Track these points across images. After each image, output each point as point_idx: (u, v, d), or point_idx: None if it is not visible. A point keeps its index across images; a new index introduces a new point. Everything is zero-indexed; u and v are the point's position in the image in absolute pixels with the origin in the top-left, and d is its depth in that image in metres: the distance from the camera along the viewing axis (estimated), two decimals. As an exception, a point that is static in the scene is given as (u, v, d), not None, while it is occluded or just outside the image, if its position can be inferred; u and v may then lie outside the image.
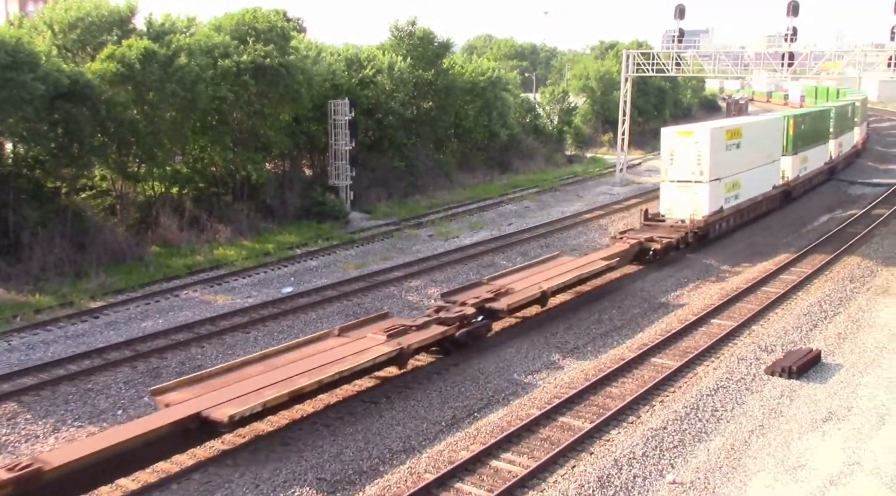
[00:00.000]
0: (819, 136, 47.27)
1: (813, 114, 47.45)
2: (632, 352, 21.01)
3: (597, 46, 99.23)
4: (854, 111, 61.80)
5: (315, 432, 16.40)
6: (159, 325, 23.37)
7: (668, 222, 32.46)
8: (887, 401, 17.93)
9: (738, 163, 33.94)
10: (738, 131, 34.06)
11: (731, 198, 34.05)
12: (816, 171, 47.40)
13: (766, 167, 37.82)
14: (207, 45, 33.14)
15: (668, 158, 32.32)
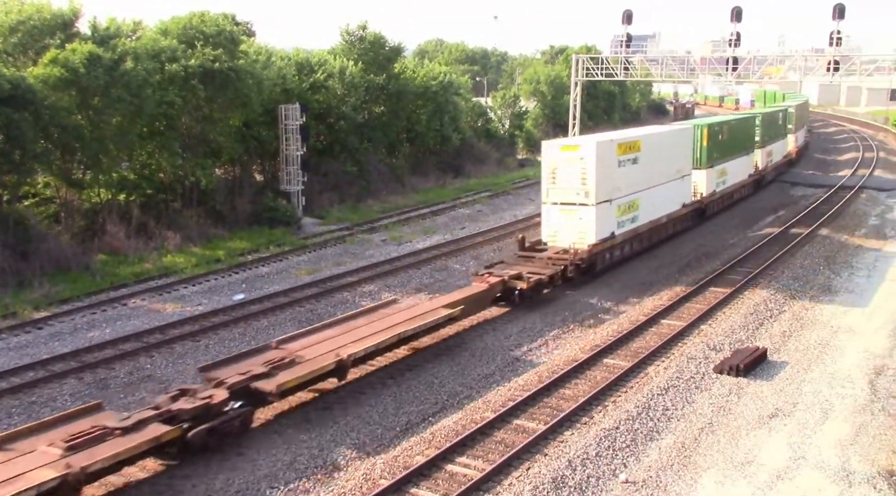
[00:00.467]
0: (741, 145, 43.76)
1: (732, 122, 43.01)
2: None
3: (547, 51, 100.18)
4: (787, 117, 58.31)
5: (268, 440, 16.22)
6: (106, 335, 22.89)
7: (548, 252, 27.57)
8: (830, 397, 18.43)
9: (635, 180, 29.61)
10: (634, 144, 29.53)
11: (627, 221, 29.60)
12: (739, 184, 43.93)
13: (674, 184, 33.50)
14: (154, 49, 32.64)
15: (549, 177, 27.67)
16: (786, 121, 57.78)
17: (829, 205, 44.07)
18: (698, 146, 37.17)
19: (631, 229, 29.99)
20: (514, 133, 67.18)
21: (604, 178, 27.29)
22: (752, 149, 46.62)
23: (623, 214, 29.21)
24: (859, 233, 37.42)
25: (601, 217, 27.49)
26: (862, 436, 16.43)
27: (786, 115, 58.05)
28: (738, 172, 43.49)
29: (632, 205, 29.75)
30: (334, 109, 43.36)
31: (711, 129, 38.44)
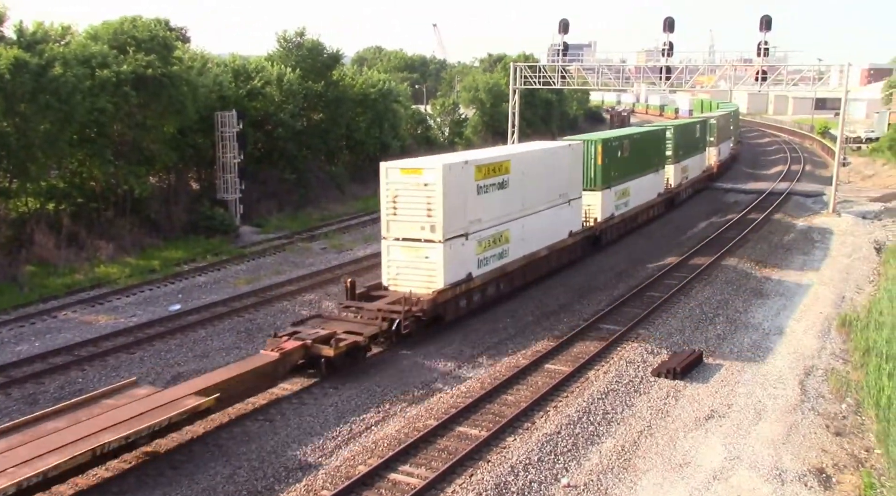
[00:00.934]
0: (648, 162, 40.13)
1: (636, 136, 38.83)
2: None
3: (485, 59, 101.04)
4: (706, 129, 55.08)
5: (206, 453, 15.87)
6: (35, 349, 22.13)
7: (384, 300, 22.24)
8: (763, 398, 18.94)
9: (503, 209, 25.14)
10: (500, 166, 24.78)
11: (492, 258, 24.96)
12: (646, 205, 40.22)
13: (557, 210, 29.17)
14: (84, 54, 31.76)
15: (389, 206, 22.50)
16: (705, 133, 55.00)
17: (740, 227, 40.51)
18: (591, 165, 33.17)
19: (497, 267, 25.29)
20: (454, 140, 67.45)
21: (456, 207, 22.47)
22: (662, 165, 43.25)
23: (486, 250, 24.56)
24: (787, 238, 38.65)
25: (453, 256, 22.60)
26: (793, 435, 16.92)
27: (705, 126, 55.22)
28: (644, 192, 39.60)
29: (499, 237, 25.20)
30: (272, 116, 42.90)
31: (608, 144, 34.05)
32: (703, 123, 54.50)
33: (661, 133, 43.36)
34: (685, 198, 49.42)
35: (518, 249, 26.57)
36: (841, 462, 15.79)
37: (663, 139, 43.54)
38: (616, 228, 36.37)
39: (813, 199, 51.29)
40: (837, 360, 21.71)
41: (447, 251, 22.33)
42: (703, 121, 55.87)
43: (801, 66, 46.83)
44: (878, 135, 78.83)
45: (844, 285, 29.81)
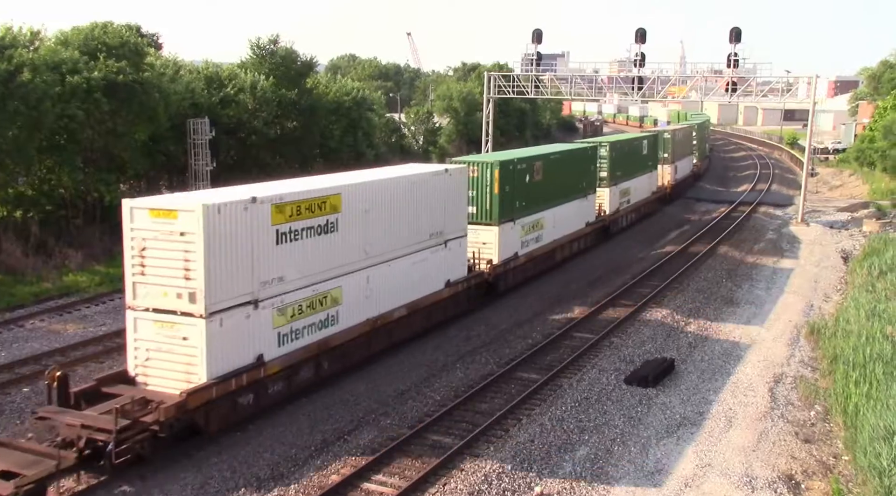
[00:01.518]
0: (572, 187, 34.01)
1: (553, 157, 32.11)
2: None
3: (459, 68, 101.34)
4: (656, 145, 49.45)
5: (176, 464, 15.67)
6: (1, 358, 21.76)
7: (116, 402, 15.38)
8: (734, 405, 19.13)
9: (326, 260, 18.78)
10: (323, 203, 18.43)
11: (307, 329, 18.44)
12: (567, 238, 33.79)
13: (424, 255, 22.77)
14: (54, 60, 31.40)
15: (136, 262, 16.33)
16: (656, 149, 49.43)
17: (673, 267, 33.20)
18: (486, 194, 27.01)
19: (317, 341, 18.78)
20: (429, 148, 67.56)
21: (233, 265, 16.13)
22: (593, 189, 37.10)
23: (296, 319, 17.95)
24: (757, 246, 39.12)
25: (228, 334, 16.15)
26: (763, 442, 17.10)
27: (655, 141, 49.46)
28: (565, 223, 33.47)
29: (321, 300, 18.72)
30: (245, 124, 42.68)
31: (509, 168, 27.65)
32: (652, 138, 48.75)
33: (590, 151, 36.64)
34: (625, 225, 43.16)
35: (357, 312, 20.00)
36: (810, 468, 15.99)
37: (594, 158, 37.18)
38: (521, 271, 29.43)
39: (782, 209, 52.01)
40: (806, 368, 22.00)
41: (214, 329, 15.70)
42: (654, 136, 50.32)
43: (770, 77, 47.59)
44: (845, 146, 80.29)
45: (813, 294, 30.23)
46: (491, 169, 27.11)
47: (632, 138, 46.21)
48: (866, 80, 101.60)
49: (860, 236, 41.77)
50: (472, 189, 26.64)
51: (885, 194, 54.47)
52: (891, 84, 79.44)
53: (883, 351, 20.29)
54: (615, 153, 40.01)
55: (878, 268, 30.72)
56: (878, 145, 60.66)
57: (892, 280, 28.42)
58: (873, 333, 21.96)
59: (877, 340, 21.34)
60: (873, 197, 55.72)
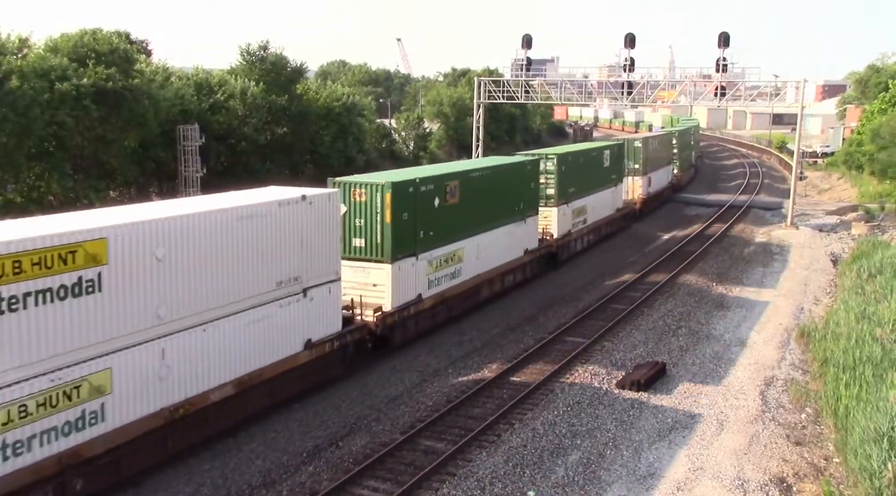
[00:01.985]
0: (504, 210, 28.61)
1: (478, 174, 27.10)
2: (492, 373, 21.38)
3: (449, 73, 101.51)
4: (621, 155, 43.04)
5: (169, 471, 15.60)
6: None
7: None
8: (725, 409, 19.18)
9: (83, 329, 13.52)
10: (69, 254, 13.20)
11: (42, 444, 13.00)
12: (495, 272, 28.07)
13: (273, 309, 17.71)
14: (43, 67, 31.31)
15: None
16: (621, 160, 43.05)
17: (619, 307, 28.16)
18: (376, 223, 21.77)
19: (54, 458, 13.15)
20: (419, 154, 67.59)
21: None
22: (535, 210, 31.18)
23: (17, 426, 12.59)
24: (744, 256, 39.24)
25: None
26: (755, 445, 17.15)
27: (621, 151, 43.17)
28: (495, 252, 27.98)
29: (66, 393, 13.28)
30: (235, 130, 42.63)
31: (406, 191, 22.49)
32: (615, 149, 42.23)
33: (529, 166, 30.83)
34: (580, 249, 37.40)
35: (140, 401, 14.62)
36: (801, 471, 16.04)
37: (535, 174, 31.39)
38: (426, 316, 24.12)
39: (772, 212, 52.27)
40: (797, 371, 22.09)
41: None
42: (618, 145, 43.92)
43: (758, 82, 47.86)
44: (834, 149, 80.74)
45: (803, 297, 30.37)
46: (381, 192, 21.59)
47: (588, 149, 39.75)
48: (853, 84, 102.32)
49: (849, 239, 42.00)
50: (359, 217, 21.87)
51: (874, 197, 54.78)
52: (877, 88, 79.97)
53: (873, 353, 20.39)
54: (564, 167, 33.85)
55: (867, 270, 30.89)
56: (866, 149, 61.05)
57: (881, 282, 28.57)
58: (863, 336, 22.07)
59: (866, 343, 21.44)
60: (861, 200, 56.03)
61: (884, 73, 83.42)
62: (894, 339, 21.59)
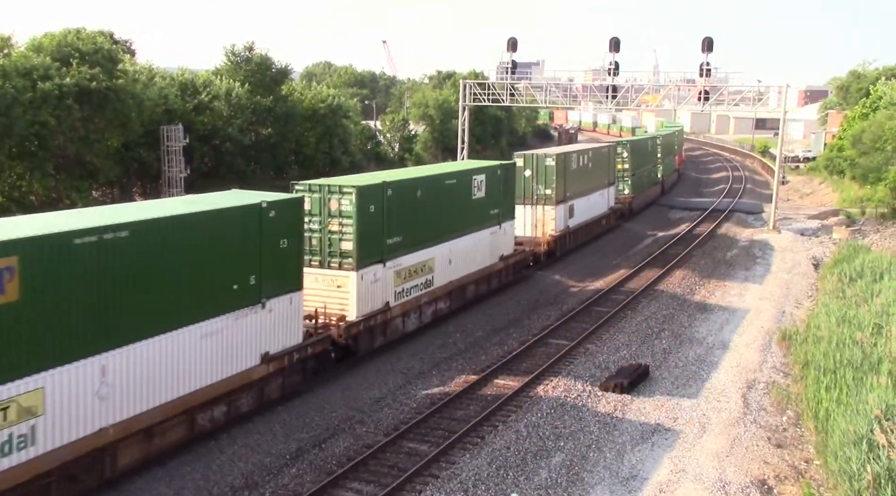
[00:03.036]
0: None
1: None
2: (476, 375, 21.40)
3: (434, 76, 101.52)
4: (510, 176, 30.54)
5: (148, 474, 15.49)
6: None
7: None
8: (707, 411, 19.29)
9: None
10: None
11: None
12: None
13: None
14: (25, 66, 31.06)
15: None
16: (509, 187, 30.22)
17: None
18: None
19: None
20: (404, 156, 67.55)
21: None
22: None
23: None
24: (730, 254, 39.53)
25: None
26: (736, 447, 17.26)
27: (507, 172, 29.93)
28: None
29: None
30: (220, 131, 42.45)
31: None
32: (503, 171, 29.46)
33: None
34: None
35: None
36: (782, 473, 16.16)
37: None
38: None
39: (754, 216, 52.65)
40: (778, 374, 22.25)
41: None
42: (506, 166, 30.44)
43: (741, 86, 48.15)
44: (816, 154, 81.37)
45: (784, 300, 30.60)
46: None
47: (441, 175, 26.34)
48: (835, 89, 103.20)
49: (830, 243, 42.37)
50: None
51: (854, 202, 55.27)
52: (859, 94, 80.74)
53: (853, 356, 20.57)
54: (374, 207, 21.97)
55: (847, 274, 31.17)
56: (847, 154, 61.59)
57: (862, 286, 28.84)
58: (843, 339, 22.25)
59: (847, 346, 21.62)
60: (843, 205, 56.52)
61: (865, 79, 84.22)
62: (874, 343, 21.78)
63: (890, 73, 76.99)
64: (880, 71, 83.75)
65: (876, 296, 27.01)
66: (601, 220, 43.28)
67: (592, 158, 41.16)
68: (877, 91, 66.48)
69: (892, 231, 45.10)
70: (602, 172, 43.38)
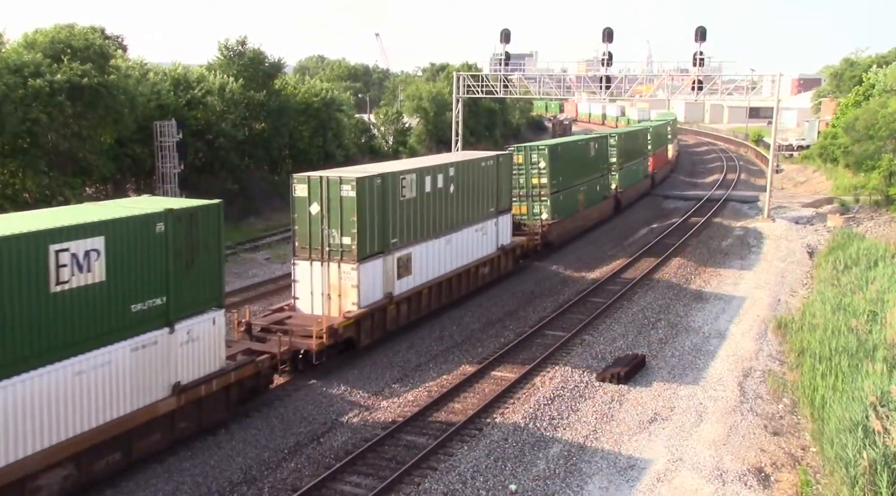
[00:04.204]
0: None
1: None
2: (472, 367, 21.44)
3: (428, 68, 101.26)
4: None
5: (147, 470, 15.50)
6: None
7: None
8: (704, 400, 19.36)
9: None
10: None
11: None
12: None
13: None
14: (16, 62, 30.89)
15: None
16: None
17: None
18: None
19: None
20: (398, 149, 67.43)
21: None
22: None
23: None
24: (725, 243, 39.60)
25: None
26: (733, 436, 17.33)
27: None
28: None
29: None
30: (213, 126, 42.32)
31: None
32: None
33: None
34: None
35: None
36: (779, 461, 16.23)
37: None
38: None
39: (749, 205, 52.74)
40: (774, 362, 22.33)
41: None
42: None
43: (735, 75, 48.18)
44: (809, 142, 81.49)
45: (780, 288, 30.68)
46: None
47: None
48: (828, 78, 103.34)
49: (824, 231, 42.47)
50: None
51: (848, 190, 55.36)
52: (852, 81, 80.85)
53: (848, 344, 20.65)
54: None
55: (842, 262, 31.26)
56: (841, 142, 61.64)
57: (856, 274, 28.93)
58: (839, 327, 22.34)
59: (842, 333, 21.71)
60: (836, 192, 56.63)
61: (858, 67, 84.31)
62: (869, 330, 21.87)
63: (883, 61, 77.05)
64: (873, 58, 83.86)
65: (870, 283, 27.10)
66: (480, 267, 28.56)
67: (465, 175, 27.12)
68: (869, 79, 66.54)
69: (886, 218, 45.23)
70: (485, 194, 28.77)
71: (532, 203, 35.04)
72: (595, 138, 44.58)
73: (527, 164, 34.89)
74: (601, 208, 43.94)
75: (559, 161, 36.12)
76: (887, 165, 48.04)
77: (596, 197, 42.64)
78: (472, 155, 30.39)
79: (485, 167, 28.66)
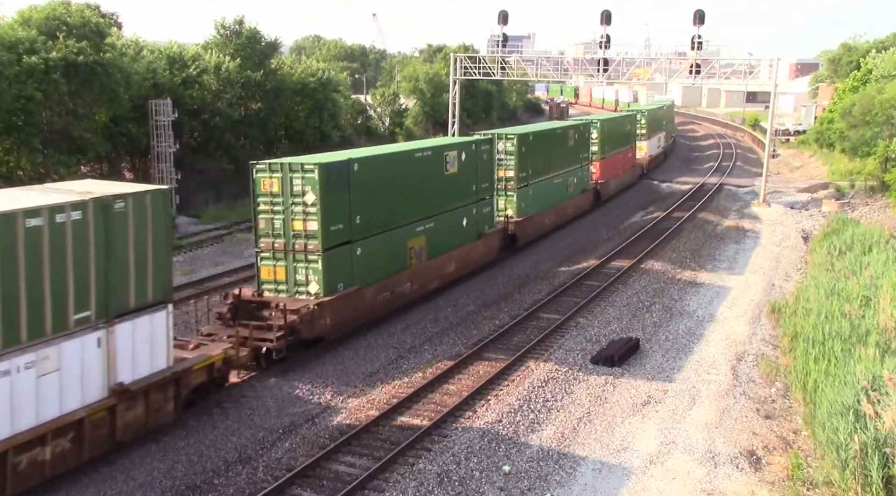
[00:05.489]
0: None
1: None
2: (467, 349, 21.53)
3: (425, 49, 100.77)
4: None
5: (142, 448, 15.57)
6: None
7: None
8: (697, 383, 19.47)
9: None
10: None
11: None
12: None
13: None
14: (11, 39, 30.67)
15: None
16: None
17: None
18: None
19: None
20: (395, 130, 67.26)
21: None
22: None
23: None
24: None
25: None
26: (725, 419, 17.45)
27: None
28: None
29: None
30: (209, 105, 42.15)
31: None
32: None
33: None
34: None
35: None
36: (770, 444, 16.36)
37: None
38: None
39: (745, 190, 52.78)
40: (767, 346, 22.44)
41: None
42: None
43: (732, 59, 48.10)
44: (806, 127, 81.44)
45: (774, 273, 30.77)
46: None
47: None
48: (826, 62, 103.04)
49: (820, 216, 42.53)
50: None
51: (844, 175, 55.40)
52: (849, 67, 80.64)
53: (841, 329, 20.73)
54: None
55: (837, 247, 31.33)
56: (837, 127, 61.60)
57: (851, 259, 29.00)
58: (832, 311, 22.42)
59: (835, 318, 21.79)
60: (832, 178, 56.67)
61: (855, 52, 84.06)
62: (862, 315, 21.96)
63: (881, 46, 76.81)
64: (871, 44, 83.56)
65: (864, 268, 27.18)
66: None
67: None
68: (867, 64, 66.39)
69: (881, 204, 45.30)
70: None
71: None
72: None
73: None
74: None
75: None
76: (883, 151, 48.06)
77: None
78: None
79: None
